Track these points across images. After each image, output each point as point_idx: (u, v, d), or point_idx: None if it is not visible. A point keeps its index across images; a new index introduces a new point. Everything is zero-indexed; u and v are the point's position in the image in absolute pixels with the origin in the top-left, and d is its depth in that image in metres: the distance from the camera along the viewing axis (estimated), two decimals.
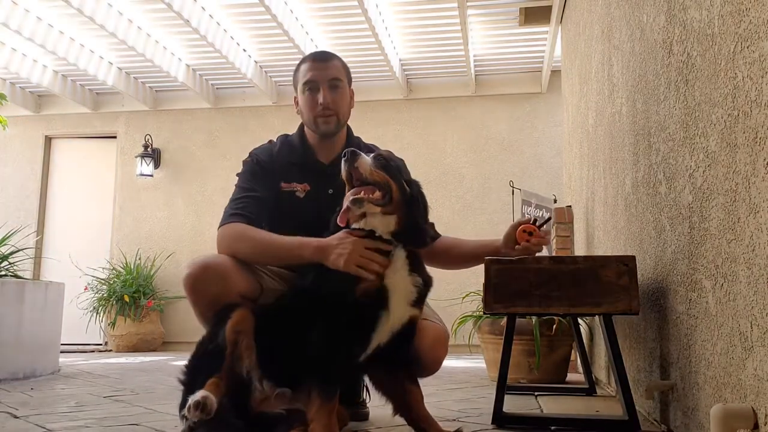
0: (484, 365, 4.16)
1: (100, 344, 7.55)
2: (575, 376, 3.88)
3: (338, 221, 1.78)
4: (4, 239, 4.42)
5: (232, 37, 6.41)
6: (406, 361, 1.88)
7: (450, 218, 7.08)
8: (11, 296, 3.96)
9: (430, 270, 1.93)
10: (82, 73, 7.06)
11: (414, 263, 1.80)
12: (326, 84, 2.17)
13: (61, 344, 4.61)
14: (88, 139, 8.29)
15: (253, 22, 6.09)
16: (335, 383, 1.69)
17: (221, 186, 7.42)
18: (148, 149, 7.82)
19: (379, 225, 1.77)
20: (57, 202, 8.15)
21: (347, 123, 2.30)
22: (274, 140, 2.31)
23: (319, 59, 2.22)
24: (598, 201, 3.53)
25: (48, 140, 8.27)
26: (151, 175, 7.83)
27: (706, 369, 1.63)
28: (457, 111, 7.52)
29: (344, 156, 1.76)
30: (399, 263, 1.76)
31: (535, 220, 2.10)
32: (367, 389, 2.25)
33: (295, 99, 2.28)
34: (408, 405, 1.85)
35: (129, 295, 6.98)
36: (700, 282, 1.66)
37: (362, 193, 1.73)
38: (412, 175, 1.95)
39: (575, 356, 3.78)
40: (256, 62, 7.08)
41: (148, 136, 7.90)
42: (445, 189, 7.24)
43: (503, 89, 7.43)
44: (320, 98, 2.16)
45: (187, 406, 1.67)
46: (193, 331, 1.98)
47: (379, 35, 5.90)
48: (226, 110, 7.96)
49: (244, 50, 6.73)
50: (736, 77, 1.39)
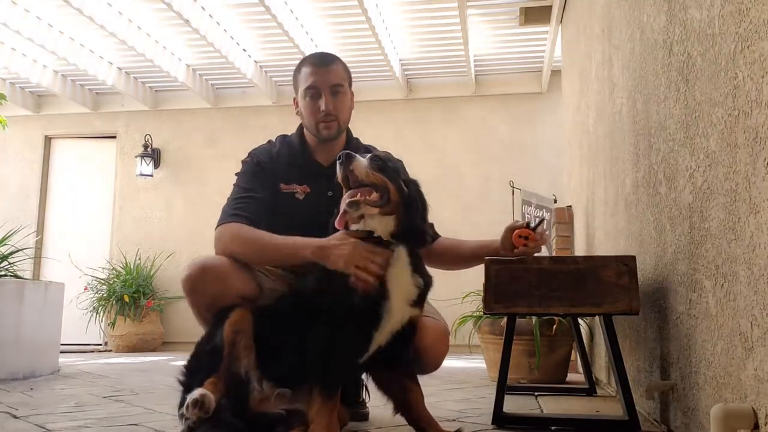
0: (484, 365, 4.16)
1: (100, 344, 7.55)
2: (575, 376, 3.88)
3: (336, 224, 1.78)
4: (4, 239, 4.42)
5: (232, 37, 6.41)
6: (407, 360, 1.88)
7: (450, 218, 7.06)
8: (11, 296, 3.95)
9: (430, 270, 1.93)
10: (82, 73, 7.06)
11: (415, 263, 1.79)
12: (328, 90, 2.16)
13: (61, 344, 4.60)
14: (88, 139, 8.28)
15: (253, 21, 6.09)
16: (336, 383, 1.69)
17: (221, 186, 7.36)
18: (148, 149, 7.82)
19: (378, 226, 1.77)
20: (57, 202, 8.15)
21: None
22: (273, 141, 2.31)
23: (320, 63, 2.20)
24: (598, 201, 3.52)
25: (48, 140, 8.27)
26: (151, 175, 7.82)
27: (706, 369, 1.63)
28: (457, 111, 7.51)
29: (339, 159, 1.75)
30: (401, 263, 1.76)
31: (528, 224, 2.10)
32: (367, 389, 2.25)
33: (295, 100, 2.26)
34: (408, 404, 1.86)
35: (129, 295, 6.98)
36: (701, 282, 1.66)
37: (359, 195, 1.72)
38: (412, 175, 1.95)
39: (575, 356, 3.77)
40: (256, 62, 7.08)
41: (148, 136, 7.89)
42: (445, 189, 7.22)
43: (503, 89, 7.42)
44: (322, 105, 2.15)
45: (185, 404, 1.67)
46: (193, 331, 1.98)
47: (379, 35, 5.90)
48: (226, 110, 7.95)
49: (244, 50, 6.73)
50: (736, 77, 1.39)
